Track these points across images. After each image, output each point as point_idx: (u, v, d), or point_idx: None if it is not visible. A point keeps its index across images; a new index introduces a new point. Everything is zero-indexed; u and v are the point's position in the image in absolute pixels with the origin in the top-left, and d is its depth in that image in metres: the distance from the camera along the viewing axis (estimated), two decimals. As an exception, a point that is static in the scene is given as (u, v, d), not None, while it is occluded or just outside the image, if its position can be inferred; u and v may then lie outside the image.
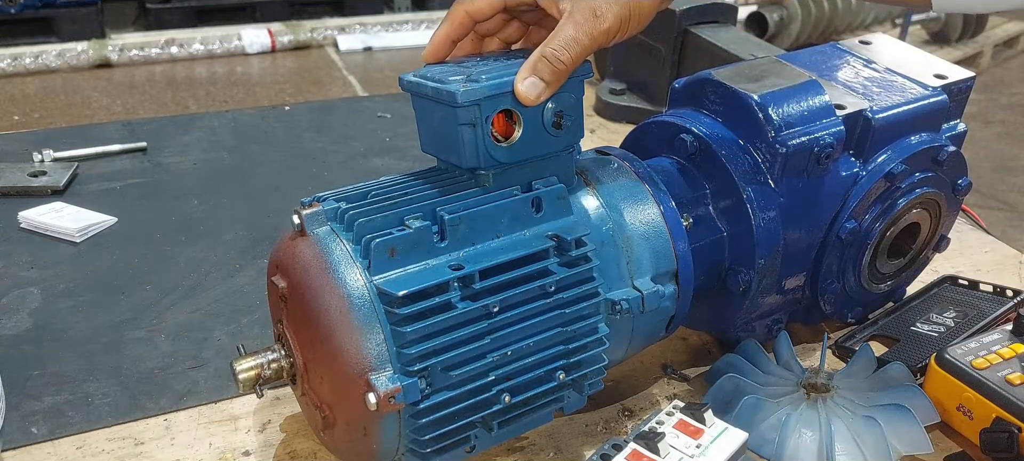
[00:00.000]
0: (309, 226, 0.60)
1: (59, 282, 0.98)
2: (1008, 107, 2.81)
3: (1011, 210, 2.17)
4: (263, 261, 1.03)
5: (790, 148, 0.71)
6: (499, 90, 0.60)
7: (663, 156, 0.78)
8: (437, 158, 0.67)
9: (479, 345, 0.59)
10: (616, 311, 0.65)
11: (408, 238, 0.58)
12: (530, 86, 0.60)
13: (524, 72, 0.60)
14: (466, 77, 0.60)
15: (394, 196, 0.62)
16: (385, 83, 2.59)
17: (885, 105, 0.77)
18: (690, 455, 0.63)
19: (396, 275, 0.58)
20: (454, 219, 0.60)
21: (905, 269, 0.87)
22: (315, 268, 0.58)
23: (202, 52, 2.75)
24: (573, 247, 0.62)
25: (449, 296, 0.57)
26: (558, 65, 0.60)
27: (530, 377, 0.62)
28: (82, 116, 2.26)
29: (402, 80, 0.63)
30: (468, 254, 0.60)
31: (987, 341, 0.75)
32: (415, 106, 0.65)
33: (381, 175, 0.68)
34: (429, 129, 0.65)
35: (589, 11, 0.61)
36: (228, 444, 0.74)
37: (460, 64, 0.65)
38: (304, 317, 0.60)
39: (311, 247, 0.59)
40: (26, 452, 0.73)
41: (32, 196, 1.15)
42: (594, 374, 0.66)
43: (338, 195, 0.64)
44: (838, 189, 0.76)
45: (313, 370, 0.62)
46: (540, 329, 0.62)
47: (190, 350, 0.87)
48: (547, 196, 0.64)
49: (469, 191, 0.63)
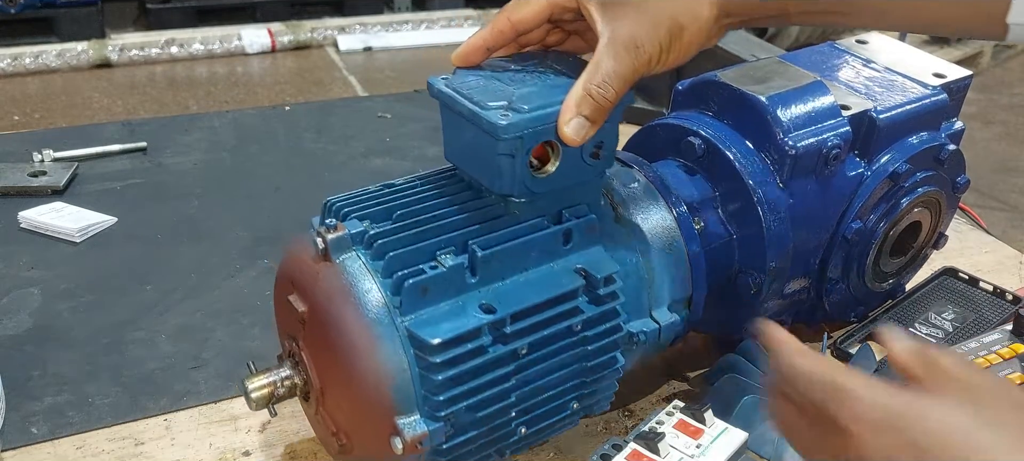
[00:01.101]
0: (334, 252, 0.57)
1: (59, 282, 0.97)
2: (1008, 107, 2.81)
3: (1011, 210, 2.17)
4: (263, 261, 1.03)
5: (799, 150, 0.71)
6: (542, 124, 0.57)
7: (669, 159, 0.78)
8: (462, 170, 0.64)
9: (505, 386, 0.58)
10: (633, 342, 0.65)
11: (441, 277, 0.56)
12: (576, 128, 0.57)
13: (569, 111, 0.57)
14: (507, 104, 0.56)
15: (421, 219, 0.59)
16: (385, 83, 2.59)
17: (889, 105, 0.77)
18: (690, 455, 0.63)
19: (428, 316, 0.56)
20: (487, 256, 0.58)
21: (906, 267, 0.87)
22: (341, 302, 0.56)
23: (202, 52, 2.75)
24: (602, 285, 0.61)
25: (481, 341, 0.56)
26: (603, 102, 0.57)
27: (546, 409, 0.62)
28: (82, 116, 2.26)
29: (433, 87, 0.60)
30: (498, 292, 0.58)
31: (987, 341, 0.75)
32: (443, 114, 0.62)
33: (381, 175, 0.67)
34: (458, 143, 0.62)
35: (629, 41, 0.58)
36: (228, 444, 0.74)
37: (497, 77, 0.61)
38: (326, 346, 0.58)
39: (337, 277, 0.57)
40: (26, 452, 0.73)
41: (32, 196, 1.15)
42: (604, 399, 0.67)
43: (358, 207, 0.61)
44: (844, 189, 0.76)
45: (331, 396, 0.61)
46: (562, 365, 0.61)
47: (190, 350, 0.87)
48: (577, 228, 0.62)
49: (499, 219, 0.61)
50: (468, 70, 0.62)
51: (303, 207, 1.16)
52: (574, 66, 0.62)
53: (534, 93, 0.58)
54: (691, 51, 0.61)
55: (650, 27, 0.58)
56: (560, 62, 0.64)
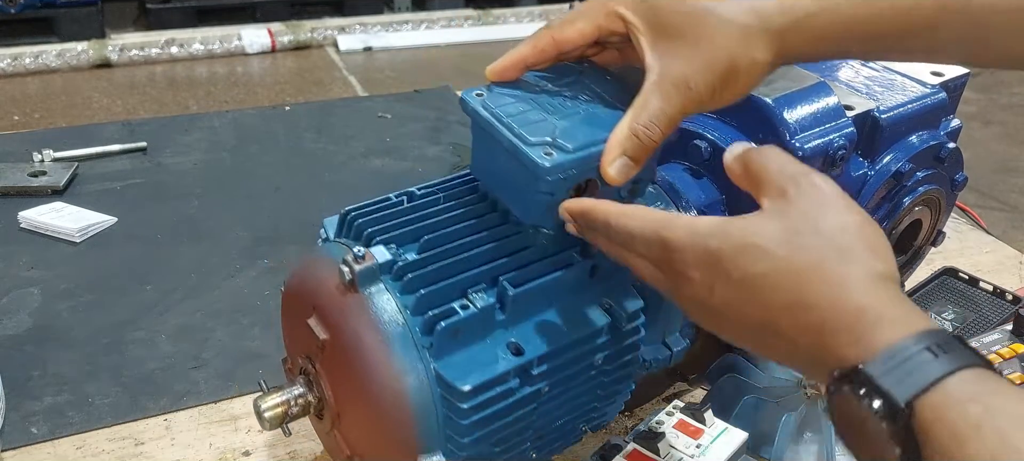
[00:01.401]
0: (363, 284, 0.55)
1: (59, 282, 0.98)
2: (1008, 107, 2.81)
3: (1011, 210, 2.17)
4: (263, 261, 1.03)
5: (807, 151, 0.71)
6: (586, 164, 0.54)
7: (674, 163, 0.78)
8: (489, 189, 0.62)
9: (526, 421, 0.58)
10: (645, 367, 0.65)
11: (473, 318, 0.55)
12: (620, 168, 0.54)
13: (613, 151, 0.54)
14: (551, 141, 0.54)
15: (450, 248, 0.58)
16: (385, 83, 2.59)
17: (890, 104, 0.77)
18: (690, 455, 0.63)
19: (457, 359, 0.54)
20: (517, 295, 0.56)
21: (906, 266, 0.88)
22: (370, 338, 0.54)
23: (202, 52, 2.75)
24: (626, 322, 0.60)
25: (509, 385, 0.55)
26: (649, 142, 0.54)
27: (558, 434, 0.63)
28: (82, 116, 2.26)
29: (467, 105, 0.57)
30: (525, 330, 0.57)
31: (987, 341, 0.75)
32: (475, 132, 0.59)
33: (381, 175, 0.67)
34: (490, 166, 0.59)
35: (680, 80, 0.54)
36: (228, 444, 0.74)
37: (536, 101, 0.58)
38: (349, 377, 0.57)
39: (365, 312, 0.55)
40: (26, 452, 0.73)
41: (32, 196, 1.15)
42: (610, 417, 0.67)
43: (381, 224, 0.59)
44: (849, 190, 0.75)
45: (349, 421, 0.60)
46: (579, 395, 0.61)
47: (190, 350, 0.87)
48: (602, 261, 0.61)
49: (528, 251, 0.59)
50: (504, 87, 0.59)
51: (303, 207, 1.18)
52: (614, 89, 0.60)
53: (577, 128, 0.56)
54: (740, 95, 0.57)
55: (704, 67, 0.54)
56: (598, 82, 0.61)
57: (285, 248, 1.07)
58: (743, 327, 0.45)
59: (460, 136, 1.43)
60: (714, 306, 0.45)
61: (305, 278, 0.60)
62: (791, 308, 0.42)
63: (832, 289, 0.41)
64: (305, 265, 0.61)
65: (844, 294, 0.41)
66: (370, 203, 0.62)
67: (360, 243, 0.58)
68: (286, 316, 0.65)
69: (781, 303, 0.42)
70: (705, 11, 0.54)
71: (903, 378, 0.37)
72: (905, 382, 0.37)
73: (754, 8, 0.54)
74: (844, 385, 0.39)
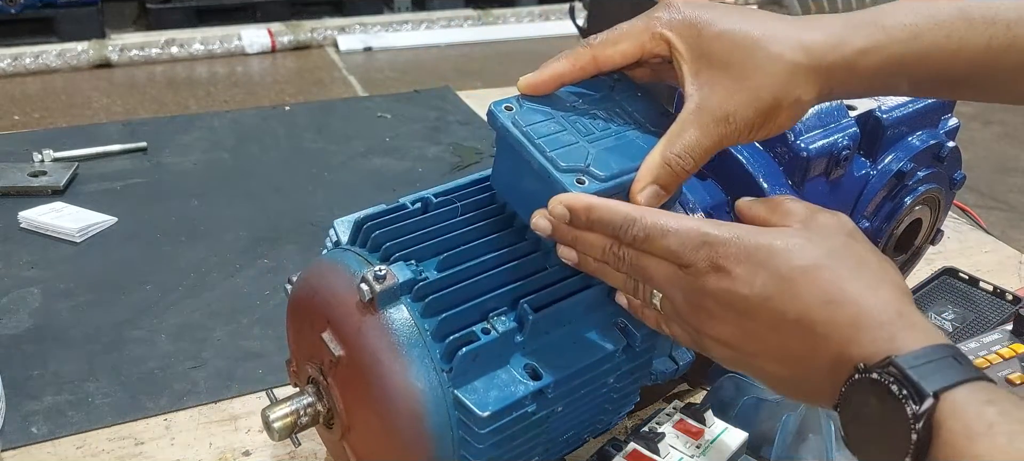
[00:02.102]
0: (382, 303, 0.54)
1: (59, 282, 0.98)
2: (1007, 107, 2.81)
3: (1011, 210, 2.17)
4: (263, 261, 1.03)
5: (812, 151, 0.71)
6: (616, 192, 0.53)
7: None
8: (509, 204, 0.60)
9: (538, 439, 0.58)
10: (651, 377, 0.65)
11: (494, 344, 0.55)
12: (649, 196, 0.53)
13: (644, 179, 0.53)
14: (583, 168, 0.53)
15: (470, 266, 0.57)
16: (385, 83, 2.59)
17: (891, 104, 0.78)
18: (690, 455, 0.63)
19: (478, 384, 0.54)
20: (537, 320, 0.56)
21: (906, 265, 0.88)
22: (389, 360, 0.54)
23: (202, 52, 2.75)
24: (640, 342, 0.60)
25: (525, 409, 0.55)
26: (681, 173, 0.53)
27: (565, 445, 0.63)
28: (82, 116, 2.26)
29: (495, 119, 0.55)
30: (542, 351, 0.57)
31: (987, 341, 0.75)
32: (500, 145, 0.57)
33: (381, 175, 0.67)
34: (513, 180, 0.58)
35: (719, 112, 0.52)
36: (228, 444, 0.74)
37: (567, 121, 0.56)
38: (365, 396, 0.56)
39: (384, 333, 0.54)
40: (26, 452, 0.73)
41: (32, 196, 1.15)
42: (613, 424, 0.67)
43: (397, 238, 0.58)
44: (852, 190, 0.76)
45: (360, 435, 0.59)
46: (589, 410, 0.62)
47: (190, 350, 0.87)
48: None
49: (547, 272, 0.58)
50: (534, 101, 0.57)
51: (303, 207, 1.18)
52: (645, 108, 0.59)
53: (610, 156, 0.54)
54: (778, 132, 0.55)
55: (746, 102, 0.52)
56: (630, 100, 0.60)
57: (285, 248, 1.06)
58: (773, 325, 0.46)
59: (460, 136, 1.43)
60: (750, 302, 0.46)
61: (318, 288, 0.59)
62: (829, 303, 0.44)
63: (871, 290, 0.44)
64: (317, 272, 0.60)
65: (883, 296, 0.44)
66: (385, 211, 0.61)
67: (377, 256, 0.57)
68: (293, 320, 0.63)
69: (820, 298, 0.44)
70: (754, 44, 0.52)
71: (931, 374, 0.40)
72: (932, 377, 0.40)
73: (803, 44, 0.52)
74: (872, 373, 0.41)
